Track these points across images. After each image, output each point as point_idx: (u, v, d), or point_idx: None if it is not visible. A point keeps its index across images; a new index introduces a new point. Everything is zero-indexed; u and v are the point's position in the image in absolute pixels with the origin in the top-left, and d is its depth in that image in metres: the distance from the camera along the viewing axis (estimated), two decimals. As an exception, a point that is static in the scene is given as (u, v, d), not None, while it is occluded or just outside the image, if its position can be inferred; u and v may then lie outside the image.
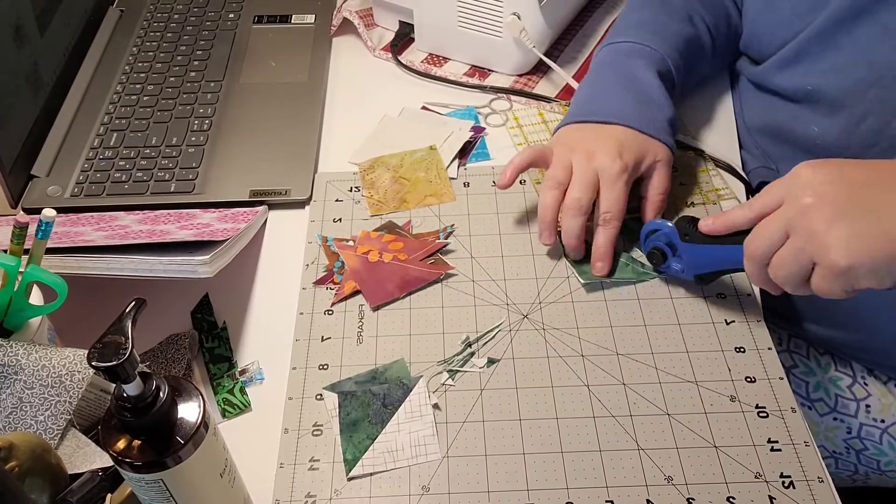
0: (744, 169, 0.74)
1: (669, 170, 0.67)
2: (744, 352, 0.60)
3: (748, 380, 0.58)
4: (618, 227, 0.64)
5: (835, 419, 0.72)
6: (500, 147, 0.77)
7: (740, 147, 0.76)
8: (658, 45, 0.71)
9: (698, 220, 0.60)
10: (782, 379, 0.57)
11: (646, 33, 0.72)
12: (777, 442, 0.54)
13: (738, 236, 0.56)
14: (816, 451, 0.54)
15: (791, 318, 0.74)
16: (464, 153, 0.77)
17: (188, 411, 0.43)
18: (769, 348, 0.59)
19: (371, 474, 0.55)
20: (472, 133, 0.78)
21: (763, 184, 0.72)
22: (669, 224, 0.61)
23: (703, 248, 0.59)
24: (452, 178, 0.74)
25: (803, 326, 0.74)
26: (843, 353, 0.74)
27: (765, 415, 0.56)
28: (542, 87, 0.84)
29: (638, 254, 0.66)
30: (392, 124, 0.80)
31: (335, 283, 0.66)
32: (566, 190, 0.65)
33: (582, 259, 0.66)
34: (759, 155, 0.75)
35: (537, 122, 0.80)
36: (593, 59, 0.75)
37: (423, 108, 0.83)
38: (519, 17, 0.79)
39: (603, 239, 0.64)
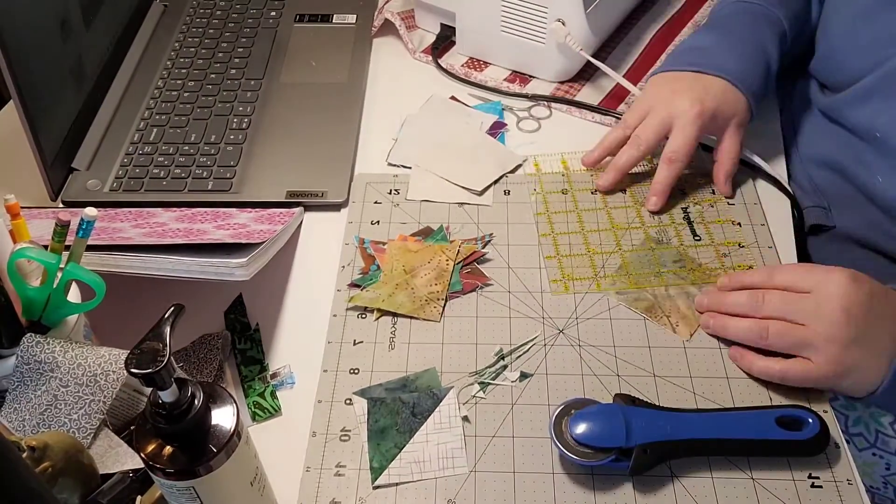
0: (795, 204, 0.71)
1: (743, 134, 0.69)
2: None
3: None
4: (681, 168, 0.67)
5: (874, 454, 0.69)
6: (518, 144, 0.77)
7: (789, 178, 0.73)
8: (784, 15, 0.71)
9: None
10: (826, 412, 0.56)
11: (777, 2, 0.72)
12: (818, 478, 0.53)
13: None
14: (860, 492, 0.52)
15: None
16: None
17: (222, 419, 0.43)
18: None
19: (397, 484, 0.54)
20: (491, 129, 0.79)
21: (816, 227, 0.71)
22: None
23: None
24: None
25: None
26: None
27: (807, 449, 0.54)
28: (585, 94, 0.83)
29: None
30: (419, 121, 0.80)
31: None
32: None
33: None
34: (809, 190, 0.72)
35: (558, 172, 0.74)
36: (718, 9, 0.76)
37: (452, 98, 0.83)
38: (563, 24, 0.78)
39: (663, 175, 0.67)
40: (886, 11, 0.64)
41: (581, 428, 0.52)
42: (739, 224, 0.68)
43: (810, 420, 0.53)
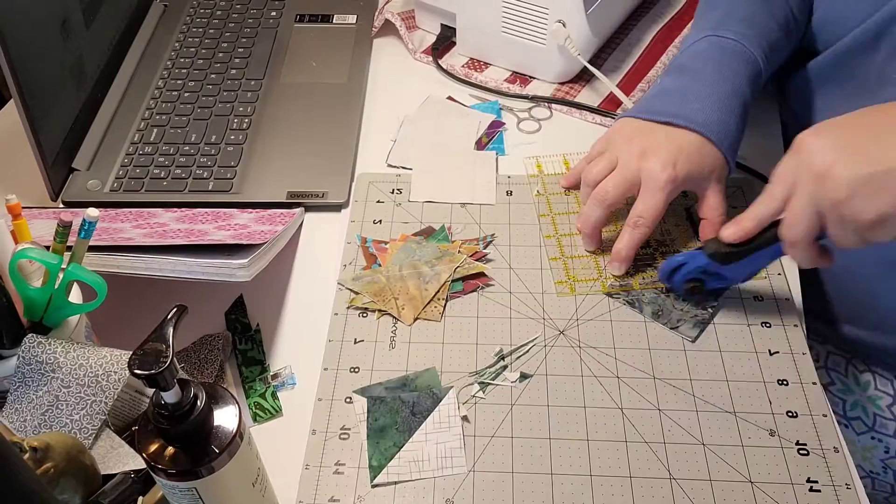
0: None
1: (725, 187, 0.65)
2: (787, 385, 0.58)
3: (790, 414, 0.56)
4: (646, 234, 0.63)
5: (872, 438, 0.70)
6: (515, 144, 0.77)
7: None
8: (759, 54, 0.67)
9: (717, 238, 0.58)
10: (826, 416, 0.56)
11: (753, 36, 0.67)
12: (817, 482, 0.53)
13: (766, 232, 0.56)
14: (858, 495, 0.52)
15: (831, 323, 0.72)
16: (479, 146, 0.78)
17: (224, 420, 0.43)
18: (814, 383, 0.58)
19: (395, 483, 0.54)
20: (490, 128, 0.79)
21: None
22: (700, 253, 0.59)
23: (744, 262, 0.58)
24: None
25: (842, 330, 0.71)
26: (882, 360, 0.71)
27: (805, 452, 0.54)
28: (585, 96, 0.83)
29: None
30: (418, 121, 0.80)
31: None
32: None
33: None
34: None
35: (560, 173, 0.74)
36: (688, 47, 0.69)
37: (449, 98, 0.83)
38: (564, 25, 0.78)
39: (627, 240, 0.63)
40: None
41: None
42: (764, 267, 0.66)
43: None
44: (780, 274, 0.65)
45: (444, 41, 0.89)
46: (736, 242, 0.58)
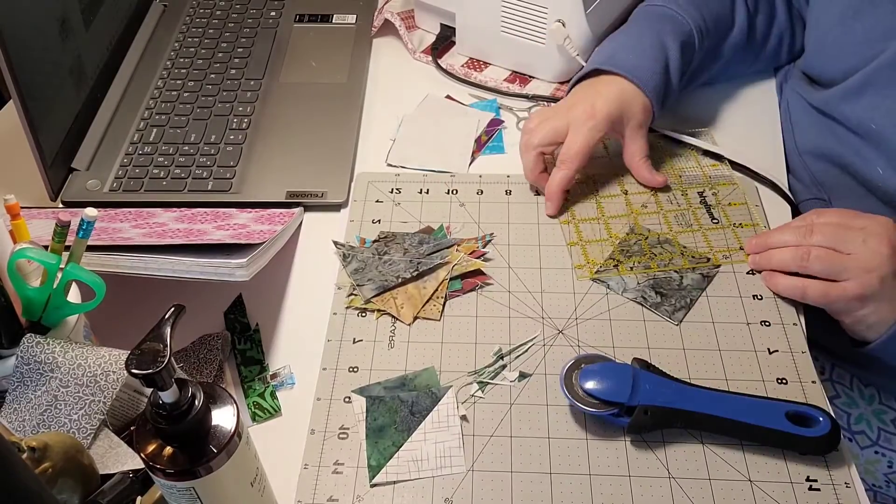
0: (793, 198, 0.71)
1: (644, 132, 0.70)
2: (786, 383, 0.58)
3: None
4: (571, 169, 0.67)
5: (876, 452, 0.70)
6: (515, 142, 0.77)
7: (789, 173, 0.74)
8: (688, 16, 0.72)
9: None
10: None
11: (688, 4, 0.73)
12: (816, 481, 0.53)
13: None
14: (858, 494, 0.52)
15: (834, 355, 0.72)
16: (479, 145, 0.78)
17: (222, 419, 0.43)
18: (813, 381, 0.58)
19: (394, 482, 0.54)
20: (489, 126, 0.79)
21: None
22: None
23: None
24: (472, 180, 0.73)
25: (847, 365, 0.72)
26: (887, 392, 0.72)
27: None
28: (584, 95, 0.83)
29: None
30: (416, 120, 0.80)
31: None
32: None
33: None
34: (809, 183, 0.72)
35: None
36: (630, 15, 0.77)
37: (447, 97, 0.83)
38: (563, 24, 0.78)
39: (555, 179, 0.68)
40: (877, 7, 0.64)
41: (590, 380, 0.55)
42: (741, 226, 0.68)
43: (821, 419, 0.53)
44: (779, 273, 0.65)
45: (444, 41, 0.89)
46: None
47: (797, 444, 0.53)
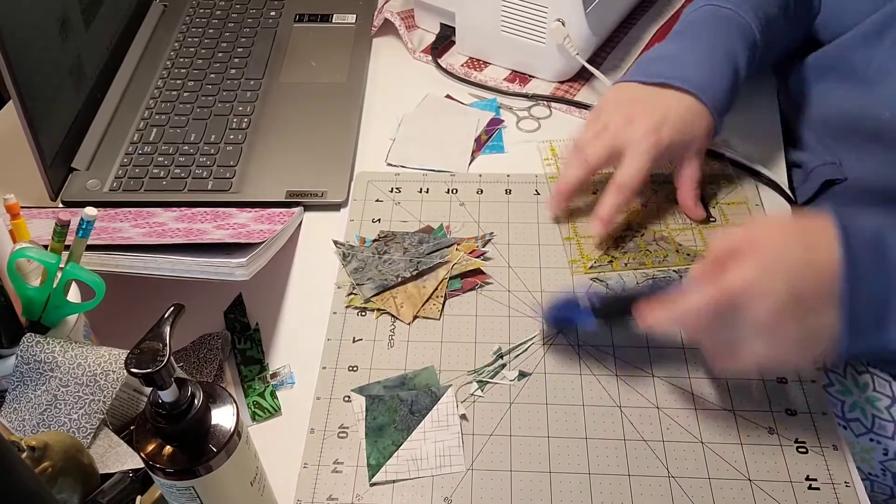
0: (804, 169, 0.71)
1: (703, 157, 0.67)
2: (786, 383, 0.58)
3: (789, 412, 0.56)
4: (629, 198, 0.63)
5: (871, 440, 0.69)
6: (515, 141, 0.77)
7: (798, 148, 0.73)
8: (756, 25, 0.68)
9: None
10: (825, 414, 0.56)
11: (749, 8, 0.68)
12: (816, 480, 0.53)
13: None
14: (857, 494, 0.52)
15: None
16: (479, 144, 0.78)
17: (222, 419, 0.43)
18: (813, 381, 0.58)
19: (394, 481, 0.54)
20: (489, 125, 0.79)
21: (829, 182, 0.69)
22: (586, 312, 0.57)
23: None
24: (472, 179, 0.74)
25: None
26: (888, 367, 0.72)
27: (804, 450, 0.54)
28: (584, 94, 0.83)
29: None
30: (416, 120, 0.81)
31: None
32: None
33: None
34: (819, 150, 0.71)
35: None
36: (686, 14, 0.72)
37: (447, 96, 0.83)
38: (563, 24, 0.78)
39: (610, 202, 0.63)
40: None
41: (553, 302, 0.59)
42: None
43: None
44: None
45: (444, 40, 0.89)
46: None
47: None
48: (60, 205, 0.73)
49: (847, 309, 0.47)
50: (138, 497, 0.48)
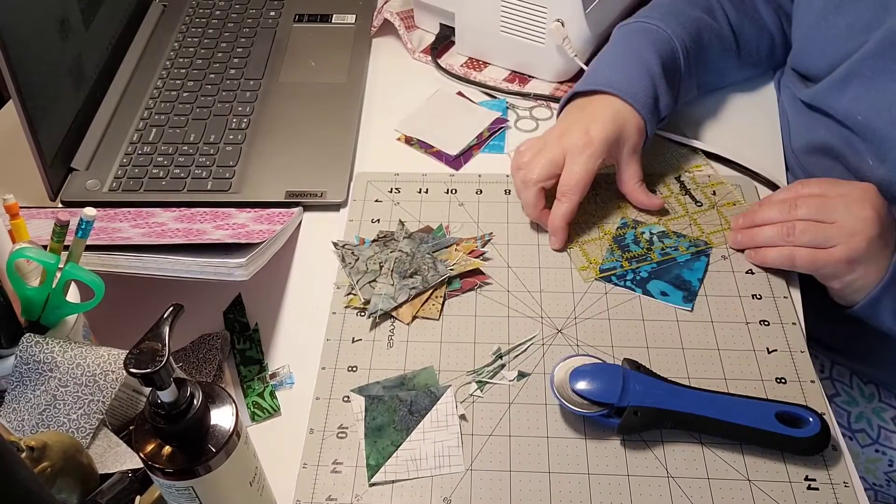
0: None
1: (639, 156, 0.68)
2: (785, 383, 0.58)
3: (788, 413, 0.56)
4: (575, 202, 0.65)
5: (876, 451, 0.70)
6: (516, 142, 0.77)
7: (786, 170, 0.74)
8: (667, 27, 0.71)
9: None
10: (825, 414, 0.56)
11: (658, 15, 0.72)
12: (815, 480, 0.53)
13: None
14: (856, 494, 0.52)
15: (833, 350, 0.72)
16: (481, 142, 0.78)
17: (221, 419, 0.43)
18: (812, 381, 0.58)
19: (393, 482, 0.54)
20: (492, 124, 0.80)
21: None
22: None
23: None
24: (471, 179, 0.74)
25: (846, 360, 0.72)
26: (887, 388, 0.72)
27: (804, 450, 0.55)
28: (583, 95, 0.83)
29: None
30: (424, 113, 0.82)
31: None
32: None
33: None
34: (804, 178, 0.72)
35: None
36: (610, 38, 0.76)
37: (459, 93, 0.83)
38: (563, 24, 0.78)
39: (558, 212, 0.65)
40: (857, 1, 0.65)
41: (581, 381, 0.55)
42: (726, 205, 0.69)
43: (811, 419, 0.53)
44: (778, 272, 0.65)
45: (443, 40, 0.89)
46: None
47: (787, 444, 0.53)
48: (60, 205, 0.73)
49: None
50: (137, 497, 0.48)
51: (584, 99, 0.70)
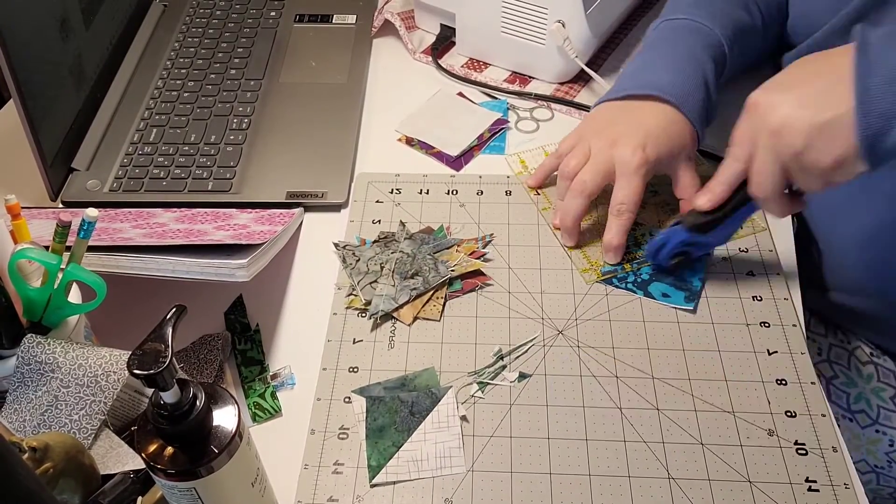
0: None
1: (695, 164, 0.67)
2: (785, 384, 0.58)
3: (788, 414, 0.56)
4: (631, 219, 0.64)
5: (877, 431, 0.70)
6: (518, 143, 0.77)
7: None
8: (716, 27, 0.69)
9: (693, 210, 0.61)
10: (825, 416, 0.56)
11: (704, 13, 0.70)
12: (815, 482, 0.53)
13: (737, 193, 0.59)
14: (857, 495, 0.52)
15: (835, 322, 0.72)
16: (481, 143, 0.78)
17: (224, 420, 0.43)
18: (812, 383, 0.58)
19: (394, 483, 0.54)
20: (493, 125, 0.80)
21: None
22: (679, 229, 0.62)
23: (722, 228, 0.61)
24: (471, 180, 0.74)
25: (831, 299, 0.72)
26: (869, 327, 0.72)
27: (804, 452, 0.55)
28: (584, 95, 0.83)
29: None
30: (424, 113, 0.82)
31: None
32: None
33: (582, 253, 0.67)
34: None
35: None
36: (646, 36, 0.73)
37: (459, 94, 0.83)
38: (563, 25, 0.78)
39: (616, 230, 0.64)
40: None
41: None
42: (741, 226, 0.69)
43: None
44: (778, 274, 0.65)
45: (444, 41, 0.89)
46: (711, 210, 0.60)
47: None
48: (60, 205, 0.73)
49: (860, 89, 0.50)
50: (139, 498, 0.48)
51: (632, 102, 0.67)
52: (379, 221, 0.71)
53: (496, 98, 0.83)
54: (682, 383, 0.59)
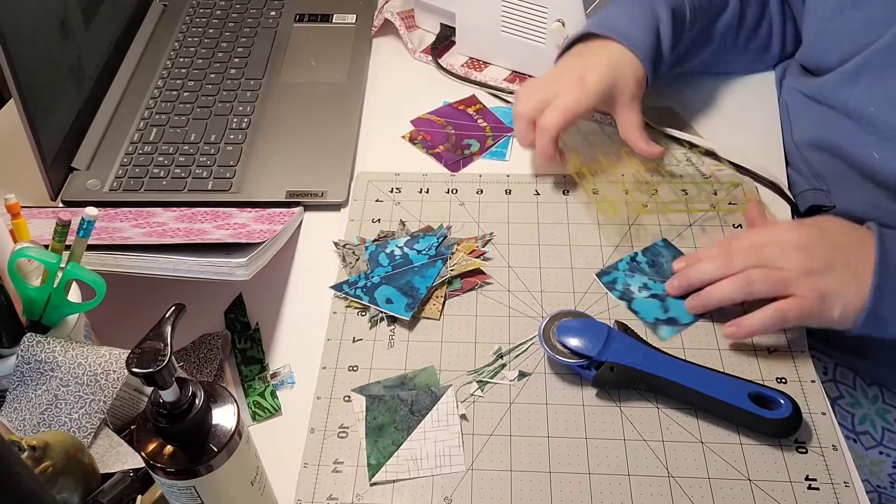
0: (791, 189, 0.72)
1: (638, 104, 0.69)
2: (785, 383, 0.58)
3: (788, 412, 0.56)
4: (553, 137, 0.67)
5: (881, 453, 0.69)
6: (519, 149, 0.77)
7: (786, 165, 0.74)
8: None
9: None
10: (825, 414, 0.56)
11: None
12: (815, 480, 0.53)
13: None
14: (857, 493, 0.52)
15: (836, 346, 0.72)
16: (483, 149, 0.78)
17: (223, 418, 0.43)
18: (812, 381, 0.58)
19: (394, 481, 0.54)
20: (497, 131, 0.79)
21: (815, 209, 0.70)
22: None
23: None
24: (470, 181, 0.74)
25: (849, 358, 0.72)
26: (891, 388, 0.72)
27: (804, 451, 0.55)
28: (583, 95, 0.83)
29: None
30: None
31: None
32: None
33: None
34: (808, 174, 0.72)
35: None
36: None
37: (472, 97, 0.83)
38: (563, 24, 0.78)
39: (539, 145, 0.68)
40: None
41: (567, 334, 0.58)
42: (741, 227, 0.68)
43: (783, 402, 0.54)
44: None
45: (444, 40, 0.89)
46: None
47: (756, 424, 0.54)
48: (60, 204, 0.73)
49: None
50: (139, 497, 0.48)
51: (584, 44, 0.70)
52: (379, 220, 0.71)
53: (510, 102, 0.82)
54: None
